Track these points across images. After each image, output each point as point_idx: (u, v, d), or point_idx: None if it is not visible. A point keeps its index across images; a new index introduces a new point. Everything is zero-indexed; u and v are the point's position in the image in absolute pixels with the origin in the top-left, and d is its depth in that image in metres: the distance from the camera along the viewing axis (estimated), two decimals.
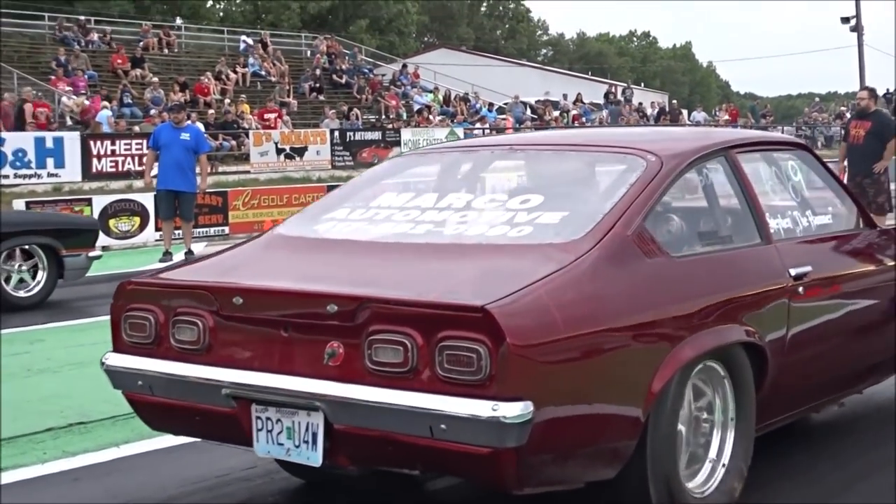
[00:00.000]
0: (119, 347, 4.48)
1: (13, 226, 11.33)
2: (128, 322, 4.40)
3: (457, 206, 4.66)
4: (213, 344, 4.13)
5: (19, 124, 24.93)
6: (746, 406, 4.58)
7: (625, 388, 3.98)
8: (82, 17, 38.78)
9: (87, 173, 23.28)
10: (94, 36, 36.50)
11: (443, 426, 3.53)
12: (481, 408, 3.47)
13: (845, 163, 14.28)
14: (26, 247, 11.14)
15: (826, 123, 50.58)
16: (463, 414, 3.49)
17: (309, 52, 43.29)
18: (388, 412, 3.63)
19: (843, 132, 15.29)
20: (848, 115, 46.88)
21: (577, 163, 5.10)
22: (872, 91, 14.26)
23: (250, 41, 40.47)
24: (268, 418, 3.99)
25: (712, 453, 4.51)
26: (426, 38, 71.55)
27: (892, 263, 5.80)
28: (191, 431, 4.62)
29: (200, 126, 23.12)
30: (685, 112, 49.47)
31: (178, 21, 43.97)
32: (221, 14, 59.90)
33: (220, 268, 4.62)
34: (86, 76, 31.61)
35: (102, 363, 4.51)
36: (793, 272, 4.85)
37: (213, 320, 4.13)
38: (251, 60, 37.79)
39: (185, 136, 14.75)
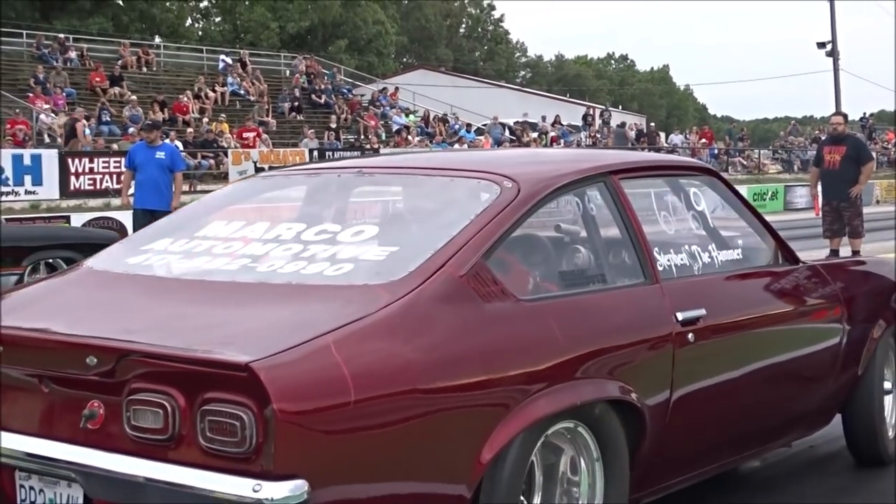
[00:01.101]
0: None
1: (38, 240, 11.42)
2: None
3: (284, 238, 4.01)
4: None
5: None
6: (618, 475, 3.94)
7: (441, 460, 3.36)
8: (61, 35, 38.63)
9: (65, 191, 23.20)
10: (73, 54, 36.25)
11: None
12: (242, 487, 2.90)
13: (818, 188, 14.41)
14: (50, 261, 11.08)
15: (802, 147, 50.96)
16: (223, 494, 2.93)
17: (288, 72, 43.23)
18: (147, 488, 3.05)
19: (815, 157, 15.33)
20: (822, 139, 47.34)
21: (425, 189, 4.51)
22: (845, 116, 14.47)
23: (229, 60, 40.39)
24: (31, 487, 3.37)
25: None
26: (405, 59, 71.71)
27: (816, 304, 5.24)
28: None
29: (178, 144, 23.18)
30: (662, 135, 49.66)
31: (157, 40, 43.97)
32: (200, 33, 59.93)
33: (7, 306, 3.91)
34: (64, 94, 31.53)
35: None
36: (681, 316, 4.22)
37: None
38: (230, 79, 37.74)
39: (160, 154, 14.63)
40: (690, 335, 4.25)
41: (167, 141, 16.20)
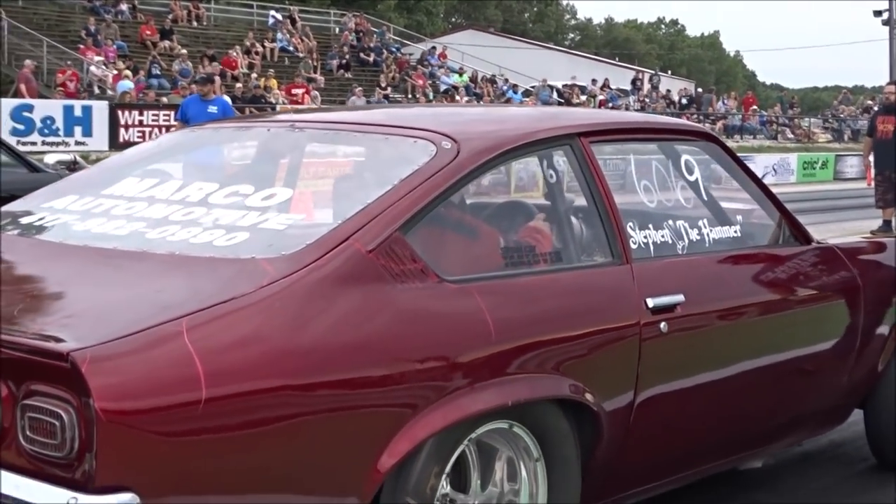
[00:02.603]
0: None
1: None
2: None
3: (191, 200, 3.57)
4: None
5: (47, 92, 25.24)
6: (565, 482, 3.51)
7: (322, 469, 2.94)
8: None
9: (115, 143, 23.18)
10: (124, 6, 36.55)
11: None
12: (56, 498, 2.51)
13: (871, 157, 14.36)
14: None
15: (853, 116, 50.69)
16: None
17: (337, 29, 43.47)
18: None
19: (868, 127, 15.33)
20: (875, 109, 47.07)
21: (356, 148, 4.10)
22: None
23: (279, 16, 40.35)
24: None
25: None
26: (454, 19, 71.48)
27: (828, 291, 4.71)
28: None
29: (227, 99, 23.29)
30: (714, 100, 49.30)
31: None
32: None
33: None
34: (114, 46, 31.67)
35: None
36: (652, 303, 3.74)
37: None
38: (279, 35, 37.89)
39: (212, 108, 14.37)
40: (663, 325, 3.77)
41: (216, 95, 16.14)
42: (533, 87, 40.57)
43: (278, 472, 2.84)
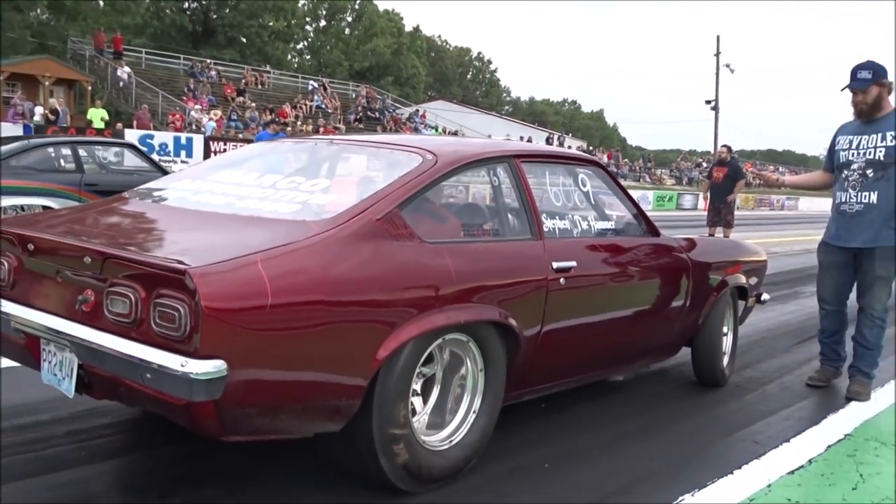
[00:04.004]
0: None
1: None
2: None
3: (265, 184, 3.61)
4: (16, 281, 3.26)
5: (160, 127, 25.26)
6: (496, 377, 3.54)
7: (342, 357, 2.93)
8: (206, 60, 39.55)
9: None
10: (213, 73, 36.69)
11: (148, 375, 2.66)
12: (173, 361, 2.60)
13: (708, 193, 14.58)
14: None
15: (689, 169, 51.24)
16: (159, 366, 2.63)
17: (354, 95, 43.18)
18: (115, 358, 2.76)
19: (706, 174, 15.63)
20: (704, 165, 48.28)
21: (372, 156, 4.05)
22: (729, 148, 14.52)
23: (315, 84, 40.47)
24: (49, 352, 3.05)
25: (461, 412, 3.48)
26: (430, 93, 70.98)
27: (668, 266, 4.56)
28: (9, 355, 3.41)
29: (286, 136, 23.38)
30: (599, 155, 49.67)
31: (268, 67, 43.81)
32: (296, 65, 59.59)
33: (56, 219, 3.61)
34: (207, 99, 31.90)
35: None
36: (555, 265, 3.72)
37: (17, 262, 3.26)
38: (316, 97, 37.84)
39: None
40: (562, 280, 3.74)
41: (280, 130, 16.32)
42: None
43: (314, 356, 2.85)
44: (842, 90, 4.89)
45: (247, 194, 3.49)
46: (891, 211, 4.82)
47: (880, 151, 4.81)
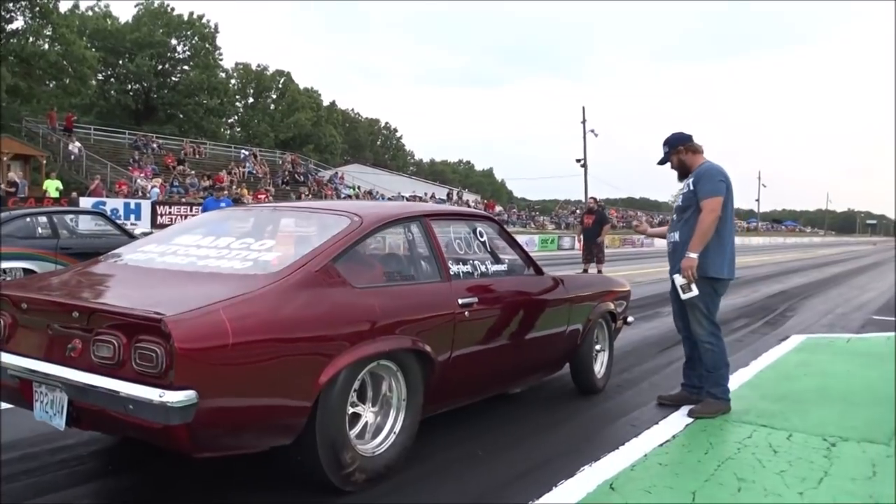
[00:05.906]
0: None
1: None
2: None
3: (220, 246, 3.65)
4: (11, 336, 3.27)
5: (109, 194, 24.62)
6: (415, 395, 3.61)
7: (290, 383, 3.00)
8: (148, 133, 38.75)
9: (154, 224, 22.55)
10: (154, 145, 36.01)
11: (131, 406, 2.71)
12: (152, 393, 2.67)
13: (581, 236, 14.90)
14: None
15: (566, 216, 52.41)
16: (140, 397, 2.69)
17: (280, 161, 42.78)
18: (101, 393, 2.80)
19: (579, 220, 15.94)
20: (577, 212, 49.50)
21: (309, 219, 4.06)
22: (595, 199, 14.84)
23: (247, 153, 40.10)
24: (41, 392, 3.07)
25: (388, 425, 3.55)
26: (346, 158, 70.90)
27: (552, 298, 4.67)
28: (4, 399, 3.34)
29: (231, 199, 23.04)
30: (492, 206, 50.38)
31: (204, 139, 43.27)
32: (228, 136, 58.95)
33: (43, 281, 3.62)
34: (151, 168, 31.22)
35: None
36: (461, 301, 3.84)
37: (11, 319, 3.28)
38: (248, 164, 37.36)
39: (223, 205, 14.37)
40: (466, 313, 3.85)
41: (224, 196, 16.16)
42: (391, 197, 40.55)
43: (268, 384, 2.94)
44: (659, 164, 4.98)
45: (206, 254, 3.54)
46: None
47: (680, 198, 4.91)
